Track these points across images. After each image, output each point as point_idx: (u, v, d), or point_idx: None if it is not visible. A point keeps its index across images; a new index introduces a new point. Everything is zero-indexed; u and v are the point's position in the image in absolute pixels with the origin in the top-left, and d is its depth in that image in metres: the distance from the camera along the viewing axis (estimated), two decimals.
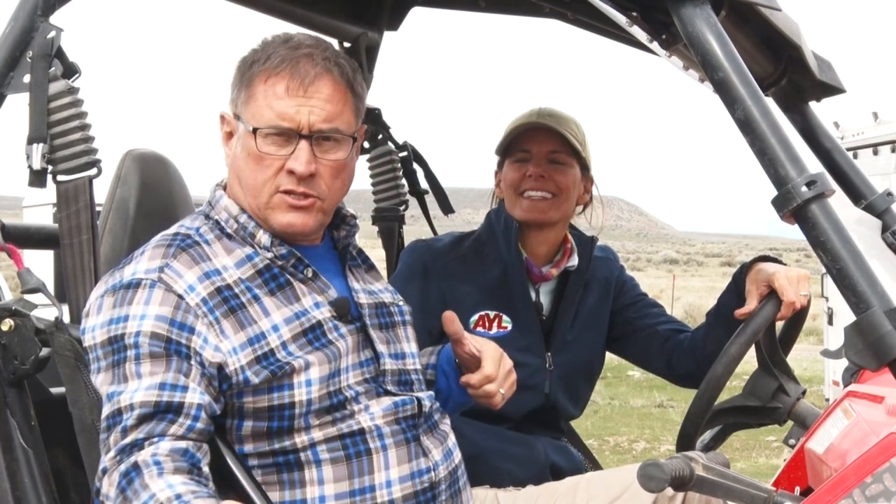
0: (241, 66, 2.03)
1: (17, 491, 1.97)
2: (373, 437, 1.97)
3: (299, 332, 1.95)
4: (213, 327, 1.89)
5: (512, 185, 2.76)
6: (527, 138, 2.75)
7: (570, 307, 2.81)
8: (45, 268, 2.00)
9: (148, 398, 1.81)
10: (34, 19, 2.09)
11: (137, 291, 1.88)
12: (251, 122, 1.97)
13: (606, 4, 1.91)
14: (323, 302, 2.01)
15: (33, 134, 2.07)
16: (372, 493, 1.94)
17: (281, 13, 2.79)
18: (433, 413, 2.10)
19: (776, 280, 2.53)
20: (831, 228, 1.77)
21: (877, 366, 1.74)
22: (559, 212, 2.75)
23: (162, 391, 1.81)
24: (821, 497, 1.77)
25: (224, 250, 1.99)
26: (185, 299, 1.88)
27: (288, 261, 2.00)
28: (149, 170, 2.33)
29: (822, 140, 2.55)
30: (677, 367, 2.83)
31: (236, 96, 2.02)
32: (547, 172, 2.72)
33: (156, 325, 1.85)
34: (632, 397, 12.50)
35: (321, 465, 1.93)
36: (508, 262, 2.73)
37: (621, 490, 2.39)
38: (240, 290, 1.94)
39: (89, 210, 2.08)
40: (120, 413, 1.81)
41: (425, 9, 3.11)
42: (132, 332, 1.85)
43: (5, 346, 1.97)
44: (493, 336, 2.66)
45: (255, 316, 1.93)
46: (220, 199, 2.05)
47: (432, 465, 2.03)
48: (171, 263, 1.91)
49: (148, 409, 1.80)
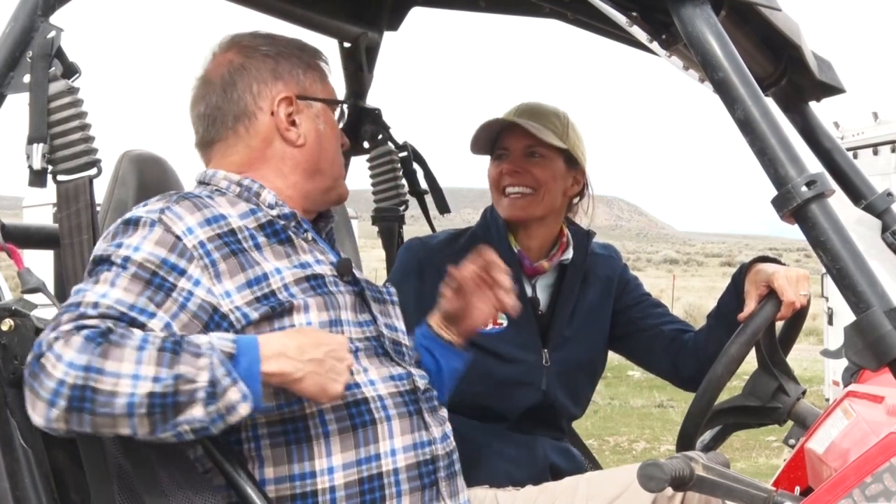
0: (291, 52, 2.16)
1: (17, 491, 1.97)
2: (377, 407, 2.01)
3: (301, 277, 2.01)
4: (207, 270, 1.93)
5: (493, 183, 2.77)
6: (504, 136, 2.76)
7: (568, 302, 2.80)
8: (45, 268, 2.00)
9: (115, 307, 1.82)
10: (34, 19, 2.09)
11: (138, 228, 1.93)
12: (332, 96, 2.20)
13: (606, 4, 1.91)
14: (324, 261, 2.09)
15: (33, 134, 2.07)
16: (378, 462, 1.99)
17: (281, 13, 2.79)
18: (430, 395, 2.15)
19: (775, 280, 2.53)
20: (831, 228, 1.77)
21: (877, 366, 1.74)
22: (541, 207, 2.73)
23: (129, 311, 1.83)
24: (821, 497, 1.77)
25: (228, 203, 2.06)
26: (182, 240, 1.93)
27: (290, 221, 2.09)
28: (146, 171, 2.33)
29: (822, 140, 2.55)
30: (682, 370, 2.81)
31: (304, 78, 2.16)
32: (523, 167, 2.72)
33: (147, 257, 1.89)
34: (632, 397, 12.50)
35: (329, 437, 1.96)
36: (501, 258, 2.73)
37: (621, 490, 2.39)
38: (243, 236, 2.00)
39: (89, 210, 2.08)
40: (80, 305, 1.82)
41: (425, 9, 3.11)
42: (121, 255, 1.89)
43: (5, 346, 1.97)
44: (487, 333, 2.65)
45: (256, 259, 1.98)
46: (214, 174, 2.13)
47: (433, 438, 2.08)
48: (171, 206, 1.97)
49: (112, 312, 1.81)
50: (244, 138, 2.12)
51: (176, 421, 1.75)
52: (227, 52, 2.16)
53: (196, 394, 1.75)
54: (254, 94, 2.11)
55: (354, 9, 3.02)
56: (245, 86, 2.11)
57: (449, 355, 2.35)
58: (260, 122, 2.11)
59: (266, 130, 2.12)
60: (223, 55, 2.16)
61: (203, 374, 1.75)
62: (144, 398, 1.72)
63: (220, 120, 2.12)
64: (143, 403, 1.72)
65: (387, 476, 2.00)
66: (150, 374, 1.73)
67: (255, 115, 2.11)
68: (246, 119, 2.11)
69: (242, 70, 2.12)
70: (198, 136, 2.18)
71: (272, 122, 2.11)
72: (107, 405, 1.72)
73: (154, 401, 1.73)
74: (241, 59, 2.13)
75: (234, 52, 2.15)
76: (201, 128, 2.16)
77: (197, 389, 1.74)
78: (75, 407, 1.72)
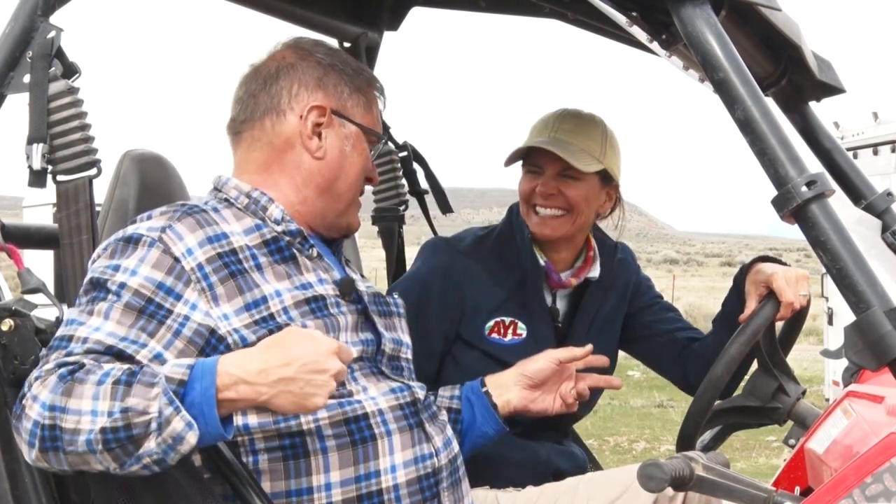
0: (345, 69, 2.14)
1: (17, 491, 1.97)
2: (377, 422, 2.00)
3: (301, 300, 1.98)
4: (204, 294, 1.91)
5: (523, 197, 2.72)
6: (538, 152, 2.67)
7: (588, 316, 2.78)
8: (45, 268, 2.00)
9: (104, 340, 1.81)
10: (34, 19, 2.09)
11: (137, 248, 1.91)
12: (373, 126, 2.17)
13: (606, 4, 1.91)
14: (327, 280, 2.07)
15: (33, 134, 2.06)
16: (377, 479, 1.97)
17: (281, 13, 2.79)
18: (430, 403, 2.15)
19: (775, 281, 2.52)
20: (831, 228, 1.77)
21: (877, 366, 1.74)
22: (572, 227, 2.69)
23: (118, 343, 1.82)
24: (821, 497, 1.77)
25: (233, 217, 2.04)
26: (180, 262, 1.91)
27: (295, 237, 2.07)
28: (147, 170, 2.33)
29: (822, 140, 2.55)
30: (692, 378, 2.78)
31: (348, 97, 2.13)
32: (557, 188, 2.66)
33: (143, 283, 1.87)
34: (632, 397, 12.49)
35: (327, 453, 1.94)
36: (527, 269, 2.70)
37: (621, 490, 2.39)
38: (244, 256, 1.98)
39: (89, 210, 2.07)
40: (71, 340, 1.81)
41: (425, 9, 3.11)
42: (117, 281, 1.87)
43: (5, 346, 1.97)
44: (507, 344, 2.65)
45: (256, 281, 1.96)
46: (227, 181, 2.11)
47: (435, 450, 2.07)
48: (173, 225, 1.94)
49: (98, 346, 1.80)
50: (268, 134, 2.11)
51: (138, 454, 1.70)
52: (286, 49, 2.16)
53: (150, 425, 1.68)
54: (291, 94, 2.10)
55: (354, 9, 3.02)
56: (286, 84, 2.11)
57: (487, 418, 2.36)
58: (287, 122, 2.10)
59: (290, 132, 2.10)
60: (280, 51, 2.16)
61: (154, 404, 1.68)
62: (99, 434, 1.68)
63: (252, 108, 2.12)
64: (99, 440, 1.68)
65: (387, 493, 1.98)
66: (104, 408, 1.68)
67: (284, 113, 2.10)
68: (274, 114, 2.10)
69: (290, 69, 2.12)
70: (230, 119, 2.17)
71: (298, 125, 2.09)
72: (72, 443, 1.69)
73: (107, 436, 1.68)
74: (293, 59, 2.13)
75: (290, 51, 2.15)
76: (234, 111, 2.15)
77: (150, 421, 1.68)
78: (48, 447, 1.70)
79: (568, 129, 2.67)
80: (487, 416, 2.37)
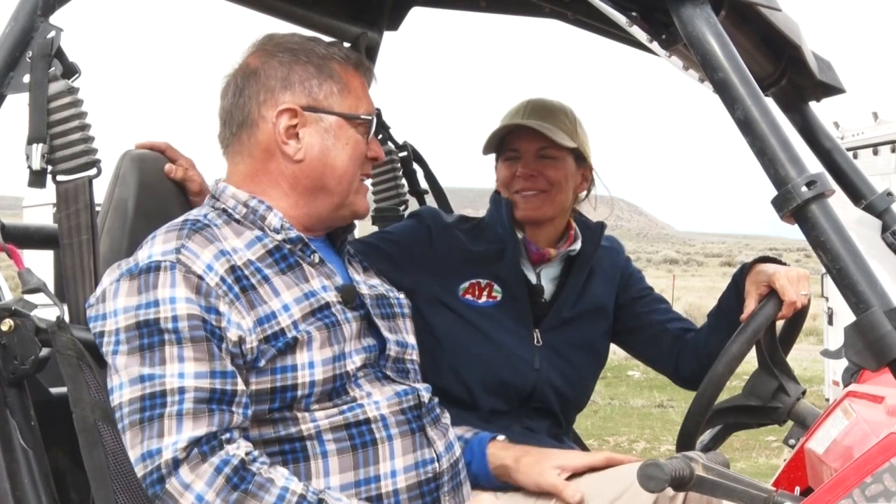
0: (310, 60, 2.08)
1: (17, 491, 1.97)
2: (378, 427, 1.99)
3: (308, 312, 1.98)
4: (234, 305, 1.90)
5: (504, 184, 2.76)
6: (514, 137, 2.74)
7: (573, 292, 2.78)
8: (45, 268, 2.00)
9: (201, 384, 1.81)
10: (34, 19, 2.09)
11: (159, 275, 1.88)
12: (354, 111, 2.10)
13: (606, 4, 1.91)
14: (330, 286, 2.06)
15: (33, 134, 2.06)
16: (377, 483, 1.97)
17: (281, 13, 2.79)
18: (434, 406, 2.14)
19: (776, 280, 2.53)
20: (831, 228, 1.77)
21: (877, 366, 1.74)
22: (553, 206, 2.73)
23: (214, 379, 1.82)
24: (821, 497, 1.77)
25: (233, 233, 2.02)
26: (205, 280, 1.89)
27: (296, 245, 2.05)
28: (147, 170, 2.32)
29: (822, 140, 2.55)
30: (684, 370, 2.81)
31: (318, 89, 2.07)
32: (537, 170, 2.71)
33: (189, 307, 1.86)
34: (632, 397, 12.49)
35: (327, 457, 1.94)
36: (507, 242, 2.72)
37: (621, 490, 2.39)
38: (249, 271, 1.96)
39: (89, 210, 2.07)
40: (164, 395, 1.80)
41: (425, 9, 3.11)
42: (168, 317, 1.85)
43: (5, 346, 1.97)
44: (481, 305, 2.66)
45: (265, 297, 1.95)
46: (224, 189, 2.09)
47: (436, 455, 2.06)
48: (186, 244, 1.93)
49: (203, 394, 1.81)
50: (247, 147, 2.09)
51: None
52: (250, 55, 2.13)
53: None
54: (259, 103, 2.07)
55: (354, 9, 3.02)
56: (253, 93, 2.08)
57: (481, 472, 2.31)
58: (262, 133, 2.07)
59: (267, 141, 2.07)
60: (245, 59, 2.13)
61: None
62: None
63: (229, 123, 2.11)
64: None
65: (387, 497, 1.97)
66: None
67: (257, 124, 2.07)
68: (248, 128, 2.08)
69: (253, 76, 2.08)
70: (218, 134, 2.16)
71: (272, 133, 2.06)
72: None
73: None
74: (256, 65, 2.09)
75: (253, 57, 2.12)
76: (219, 126, 2.14)
77: None
78: None
79: (538, 114, 2.73)
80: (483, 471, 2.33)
